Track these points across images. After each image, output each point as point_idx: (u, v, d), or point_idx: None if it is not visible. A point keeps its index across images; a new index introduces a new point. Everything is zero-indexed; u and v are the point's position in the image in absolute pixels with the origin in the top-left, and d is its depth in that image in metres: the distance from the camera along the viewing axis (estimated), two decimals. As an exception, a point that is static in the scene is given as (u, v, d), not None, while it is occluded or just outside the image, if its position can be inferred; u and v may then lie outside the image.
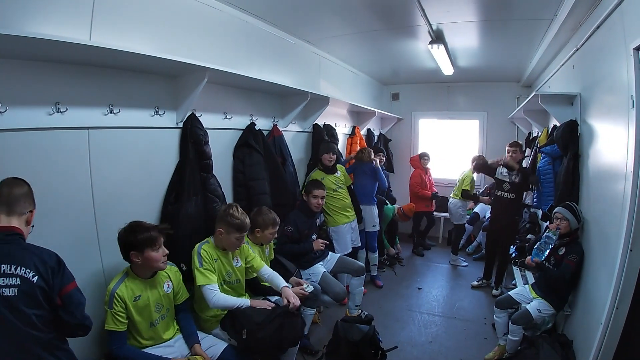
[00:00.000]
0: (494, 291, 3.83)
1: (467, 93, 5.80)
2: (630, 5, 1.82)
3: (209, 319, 2.12)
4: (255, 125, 2.82)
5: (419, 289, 4.06)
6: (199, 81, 2.07)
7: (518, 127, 5.33)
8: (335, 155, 3.47)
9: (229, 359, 1.91)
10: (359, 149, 4.24)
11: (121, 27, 1.86)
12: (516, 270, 3.37)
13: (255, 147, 2.72)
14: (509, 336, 2.58)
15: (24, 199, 1.33)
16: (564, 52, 3.20)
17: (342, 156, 4.21)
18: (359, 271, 3.09)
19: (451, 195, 4.88)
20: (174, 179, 2.19)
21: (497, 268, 3.91)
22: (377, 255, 4.06)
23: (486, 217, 4.78)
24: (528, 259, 2.68)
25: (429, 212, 5.08)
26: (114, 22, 1.82)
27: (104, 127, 1.81)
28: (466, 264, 4.77)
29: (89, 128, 1.74)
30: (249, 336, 1.94)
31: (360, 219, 3.75)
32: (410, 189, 4.96)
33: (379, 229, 3.97)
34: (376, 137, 5.50)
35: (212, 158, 2.32)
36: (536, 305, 2.50)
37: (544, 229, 3.25)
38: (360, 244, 3.74)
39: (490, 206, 4.35)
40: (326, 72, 4.20)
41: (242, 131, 2.75)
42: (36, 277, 1.24)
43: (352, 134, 4.70)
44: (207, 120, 2.36)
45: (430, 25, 3.08)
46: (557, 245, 2.52)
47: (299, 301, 2.16)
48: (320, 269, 2.91)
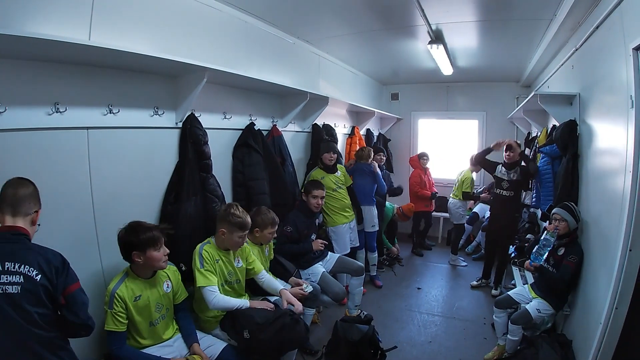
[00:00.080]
0: (493, 291, 3.83)
1: (467, 93, 5.81)
2: (629, 5, 1.82)
3: (208, 319, 2.12)
4: (255, 125, 2.82)
5: (419, 289, 4.06)
6: (198, 81, 2.07)
7: (517, 127, 5.34)
8: (336, 155, 3.47)
9: (228, 358, 1.91)
10: (358, 148, 4.25)
11: (120, 27, 1.86)
12: (515, 270, 3.37)
13: (255, 147, 2.72)
14: (508, 336, 2.59)
15: (28, 199, 1.33)
16: (563, 52, 3.20)
17: (341, 156, 4.21)
18: (358, 271, 3.09)
19: (451, 195, 4.89)
20: (173, 179, 2.19)
21: (496, 268, 3.91)
22: (376, 255, 4.06)
23: (485, 217, 4.79)
24: (527, 263, 2.68)
25: (428, 212, 5.09)
26: (114, 22, 1.82)
27: (103, 127, 1.80)
28: (465, 264, 4.77)
29: (88, 128, 1.74)
30: (251, 336, 1.93)
31: (360, 219, 3.76)
32: (410, 188, 4.96)
33: (378, 229, 3.97)
34: (375, 137, 5.51)
35: (212, 158, 2.32)
36: (535, 305, 2.50)
37: (542, 230, 3.24)
38: (359, 244, 3.74)
39: (489, 206, 4.35)
40: (325, 72, 4.20)
41: (241, 131, 2.75)
42: (39, 275, 1.24)
43: (352, 134, 4.70)
44: (207, 120, 2.36)
45: (429, 25, 3.08)
46: (556, 245, 2.53)
47: (301, 306, 2.18)
48: (320, 269, 2.91)
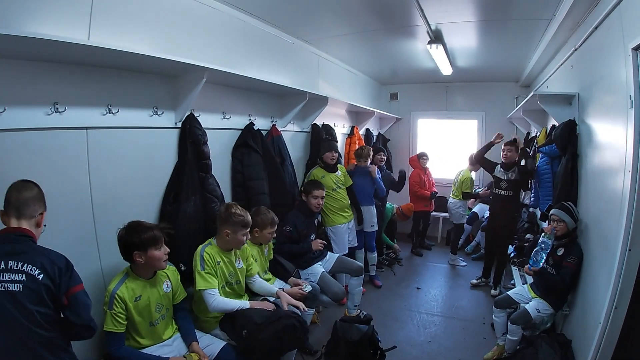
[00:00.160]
0: (492, 291, 3.83)
1: (466, 93, 5.81)
2: (628, 5, 1.82)
3: (208, 319, 2.11)
4: (254, 125, 2.82)
5: (418, 288, 4.06)
6: (197, 81, 2.06)
7: (517, 127, 5.34)
8: (337, 154, 3.47)
9: (227, 358, 1.90)
10: (358, 146, 4.25)
11: (120, 27, 1.86)
12: (515, 270, 3.37)
13: (254, 147, 2.71)
14: (507, 336, 2.59)
15: (33, 202, 1.33)
16: (562, 52, 3.20)
17: (341, 156, 4.21)
18: (357, 271, 3.09)
19: (450, 195, 4.89)
20: (172, 179, 2.19)
21: (495, 268, 3.91)
22: (375, 255, 4.06)
23: (485, 217, 4.80)
24: (526, 267, 2.68)
25: (427, 212, 5.09)
26: (113, 22, 1.81)
27: (102, 127, 1.80)
28: (465, 263, 4.78)
29: (87, 128, 1.74)
30: (249, 336, 1.93)
31: (361, 219, 3.76)
32: (410, 188, 4.96)
33: (377, 229, 3.98)
34: (375, 137, 5.51)
35: (211, 158, 2.32)
36: (535, 305, 2.50)
37: (540, 231, 3.23)
38: (357, 244, 3.74)
39: (488, 205, 4.35)
40: (325, 72, 4.19)
41: (240, 131, 2.75)
42: (42, 275, 1.25)
43: (351, 134, 4.70)
44: (206, 120, 2.36)
45: (429, 25, 3.08)
46: (555, 245, 2.53)
47: (302, 304, 2.20)
48: (319, 269, 2.91)
